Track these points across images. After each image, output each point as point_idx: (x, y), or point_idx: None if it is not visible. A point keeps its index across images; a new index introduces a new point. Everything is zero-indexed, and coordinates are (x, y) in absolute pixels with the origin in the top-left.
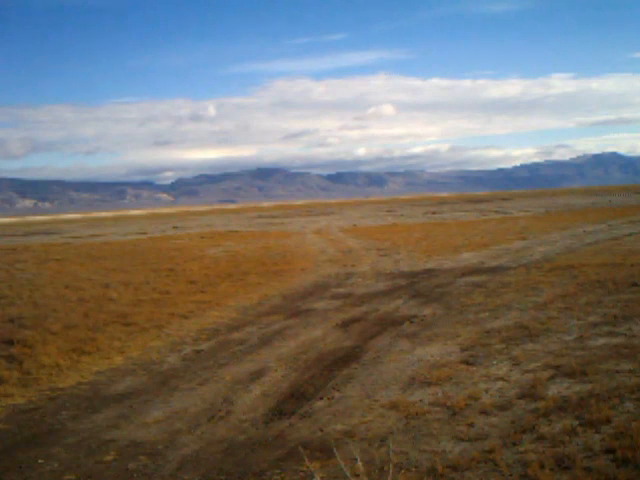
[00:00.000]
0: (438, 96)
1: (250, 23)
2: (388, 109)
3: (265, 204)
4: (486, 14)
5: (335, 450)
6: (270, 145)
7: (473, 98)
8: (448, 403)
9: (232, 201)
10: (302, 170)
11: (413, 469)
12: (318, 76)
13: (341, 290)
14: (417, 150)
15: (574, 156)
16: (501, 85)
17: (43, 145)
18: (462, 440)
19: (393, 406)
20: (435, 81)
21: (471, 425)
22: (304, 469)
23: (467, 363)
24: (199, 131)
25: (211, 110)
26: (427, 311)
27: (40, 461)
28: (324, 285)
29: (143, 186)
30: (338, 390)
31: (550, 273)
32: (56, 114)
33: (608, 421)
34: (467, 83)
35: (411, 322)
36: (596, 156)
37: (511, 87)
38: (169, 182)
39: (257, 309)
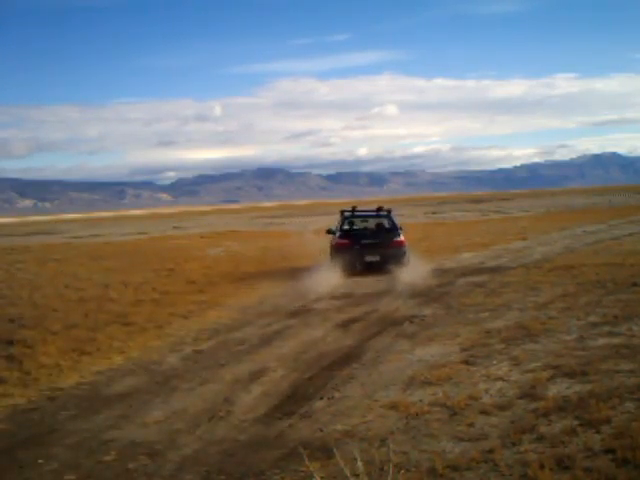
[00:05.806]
0: (442, 96)
1: (255, 23)
2: (391, 109)
3: (265, 204)
4: (490, 14)
5: (335, 450)
6: (273, 145)
7: (477, 98)
8: (448, 403)
9: (233, 201)
10: (303, 170)
11: (413, 469)
12: (322, 76)
13: (341, 290)
14: (419, 150)
15: (574, 156)
16: (505, 85)
17: (47, 145)
18: (462, 440)
19: (393, 406)
20: (439, 81)
21: (471, 425)
22: (304, 469)
23: (467, 363)
24: (203, 131)
25: (216, 110)
26: (427, 311)
27: (40, 461)
28: None
29: (143, 186)
30: (338, 390)
31: (550, 273)
32: (60, 114)
33: (608, 421)
34: (471, 83)
35: (411, 322)
36: (596, 156)
37: (515, 87)
38: (169, 182)
39: (257, 309)
